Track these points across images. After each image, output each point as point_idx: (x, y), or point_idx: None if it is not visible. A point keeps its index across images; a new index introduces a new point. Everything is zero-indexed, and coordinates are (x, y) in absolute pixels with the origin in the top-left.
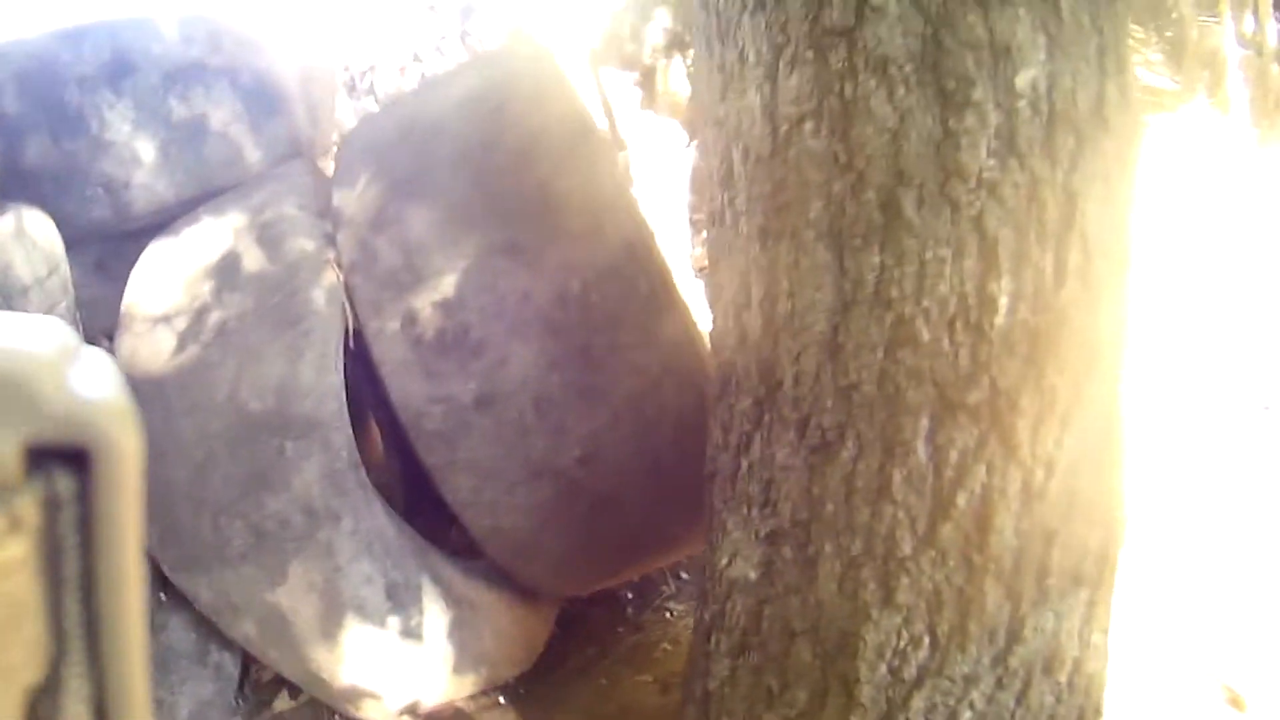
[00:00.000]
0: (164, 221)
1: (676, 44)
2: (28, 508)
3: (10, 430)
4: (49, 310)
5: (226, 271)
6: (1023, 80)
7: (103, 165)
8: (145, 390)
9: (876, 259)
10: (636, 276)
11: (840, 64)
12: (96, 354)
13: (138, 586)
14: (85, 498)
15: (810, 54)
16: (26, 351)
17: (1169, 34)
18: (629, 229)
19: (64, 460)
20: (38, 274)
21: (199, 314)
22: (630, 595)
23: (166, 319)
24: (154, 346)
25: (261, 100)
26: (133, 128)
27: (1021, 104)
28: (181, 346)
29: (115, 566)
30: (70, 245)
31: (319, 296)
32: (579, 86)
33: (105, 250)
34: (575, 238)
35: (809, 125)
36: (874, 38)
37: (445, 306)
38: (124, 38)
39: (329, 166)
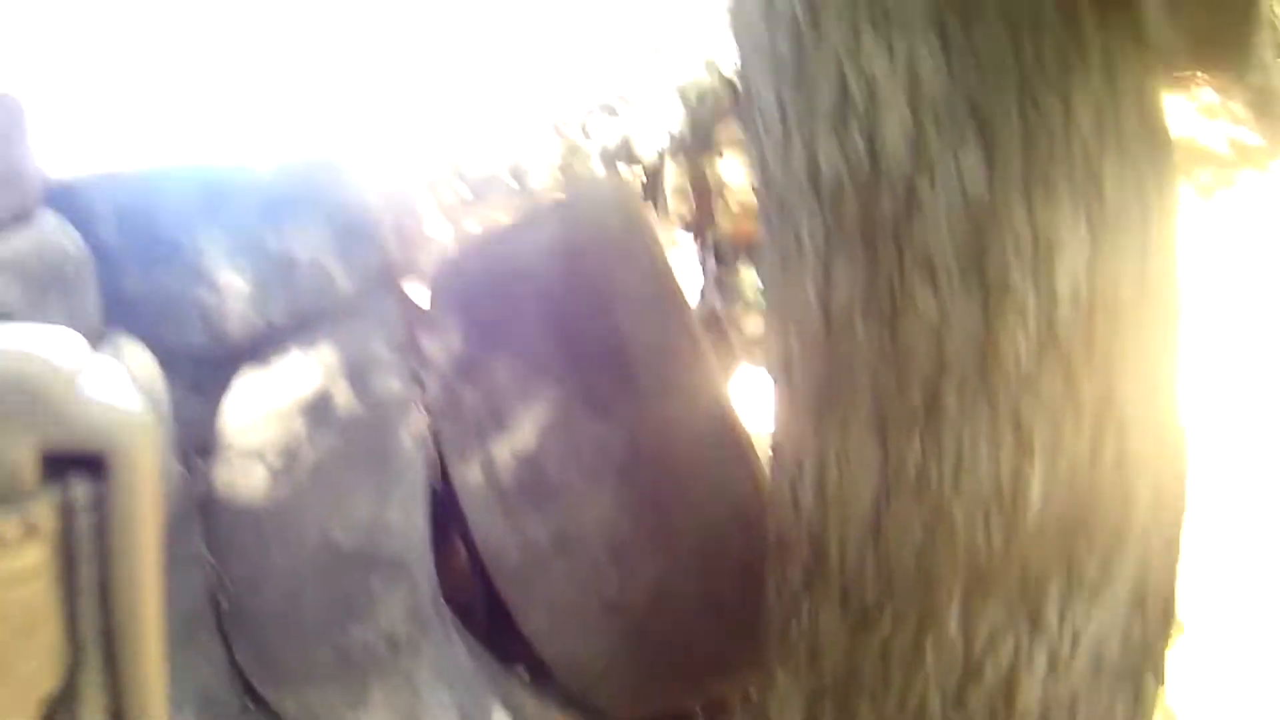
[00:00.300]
0: (258, 346)
1: (680, 148)
2: (44, 514)
3: (26, 437)
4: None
5: (318, 409)
6: (1063, 273)
7: (199, 294)
8: (241, 519)
9: (917, 446)
10: (705, 429)
11: (889, 260)
12: (111, 364)
13: (155, 595)
14: (102, 505)
15: (861, 249)
16: (43, 360)
17: (1255, 82)
18: (701, 381)
19: (81, 467)
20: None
21: (292, 451)
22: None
23: (260, 454)
24: (248, 479)
25: (352, 230)
26: (228, 259)
27: (1061, 296)
28: (275, 481)
29: (132, 574)
30: (167, 366)
31: (406, 439)
32: (655, 235)
33: (201, 371)
34: (649, 390)
35: (859, 318)
36: (920, 234)
37: (525, 453)
38: (219, 173)
39: (419, 286)
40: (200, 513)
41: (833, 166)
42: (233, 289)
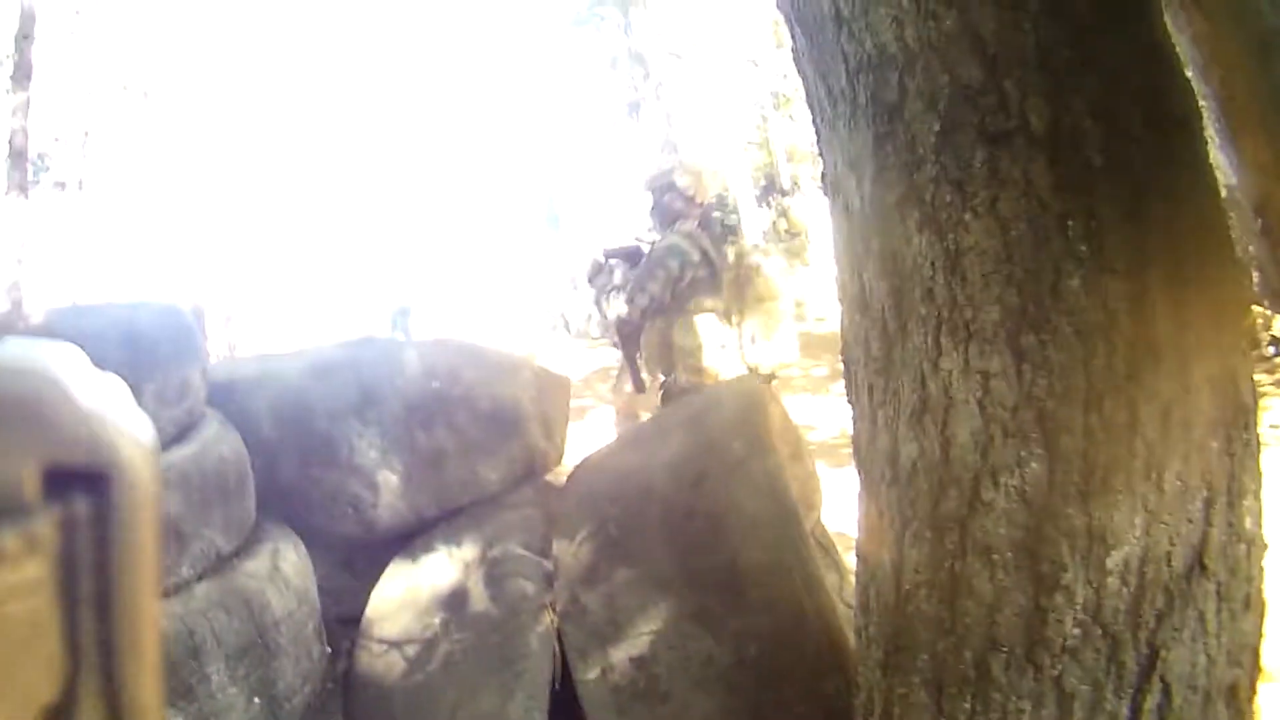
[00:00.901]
0: (407, 534)
1: (658, 309)
2: (45, 529)
3: (28, 453)
4: (296, 637)
5: (454, 606)
6: (1114, 560)
7: (352, 487)
8: (376, 701)
9: (967, 705)
10: (805, 642)
11: (953, 545)
12: (112, 381)
13: (153, 608)
14: (102, 520)
15: (929, 534)
16: (45, 376)
17: None
18: (804, 599)
19: (81, 482)
20: (289, 607)
21: (428, 644)
22: None
23: (399, 645)
24: (387, 665)
25: (498, 424)
26: (379, 454)
27: (1110, 580)
28: (410, 672)
29: (131, 587)
30: (319, 544)
31: (533, 641)
32: (775, 450)
33: (351, 551)
34: (756, 607)
35: (924, 592)
36: (981, 528)
37: (640, 660)
38: (369, 372)
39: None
40: (342, 688)
41: (909, 454)
42: (383, 483)
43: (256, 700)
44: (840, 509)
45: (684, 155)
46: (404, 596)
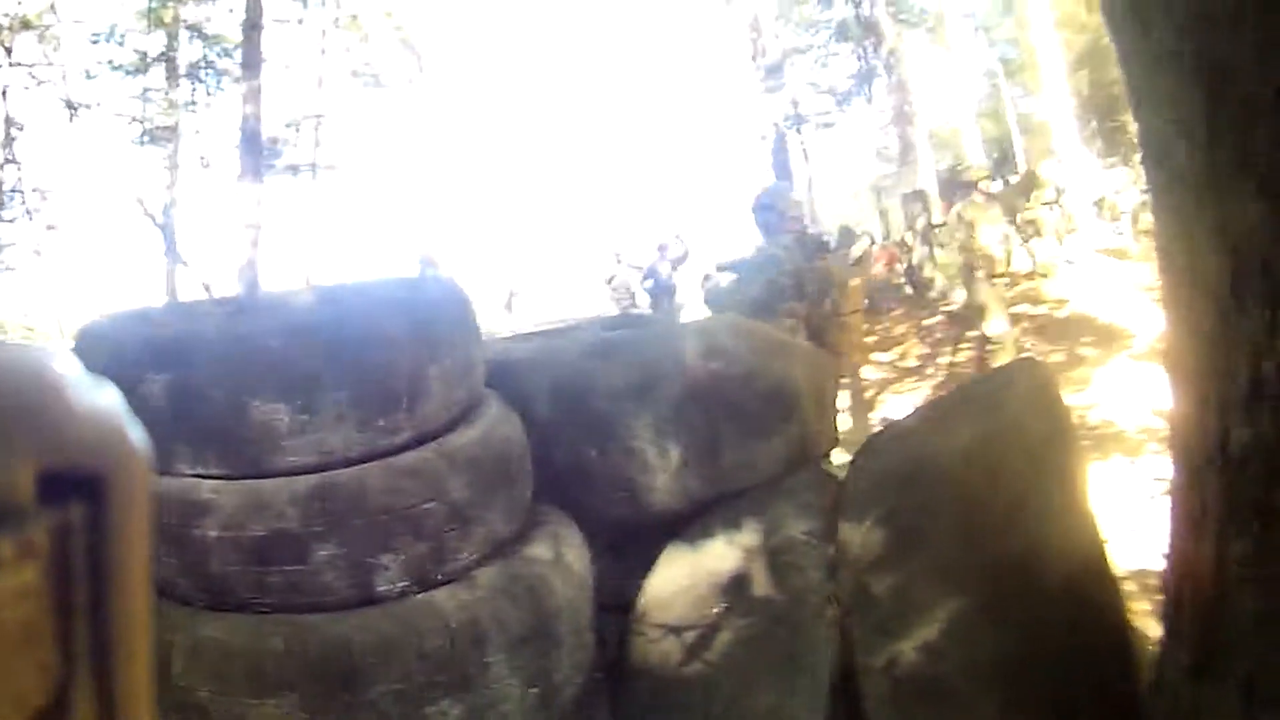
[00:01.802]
0: (679, 518)
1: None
2: (39, 534)
3: (23, 457)
4: (575, 625)
5: (734, 594)
6: None
7: (627, 470)
8: (648, 691)
9: None
10: (1100, 640)
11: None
12: (106, 384)
13: (146, 614)
14: (96, 524)
15: (1257, 525)
16: (39, 379)
17: None
18: (1101, 592)
19: (76, 487)
20: (569, 595)
21: (706, 632)
22: None
23: (677, 630)
24: (663, 655)
25: (775, 405)
26: (655, 436)
27: None
28: (687, 660)
29: (125, 593)
30: (586, 529)
31: (817, 634)
32: (1072, 430)
33: (618, 535)
34: (1052, 601)
35: (1249, 588)
36: None
37: (927, 656)
38: (649, 353)
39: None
40: (608, 677)
41: (1240, 439)
42: (659, 466)
43: (533, 690)
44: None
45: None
46: (681, 583)
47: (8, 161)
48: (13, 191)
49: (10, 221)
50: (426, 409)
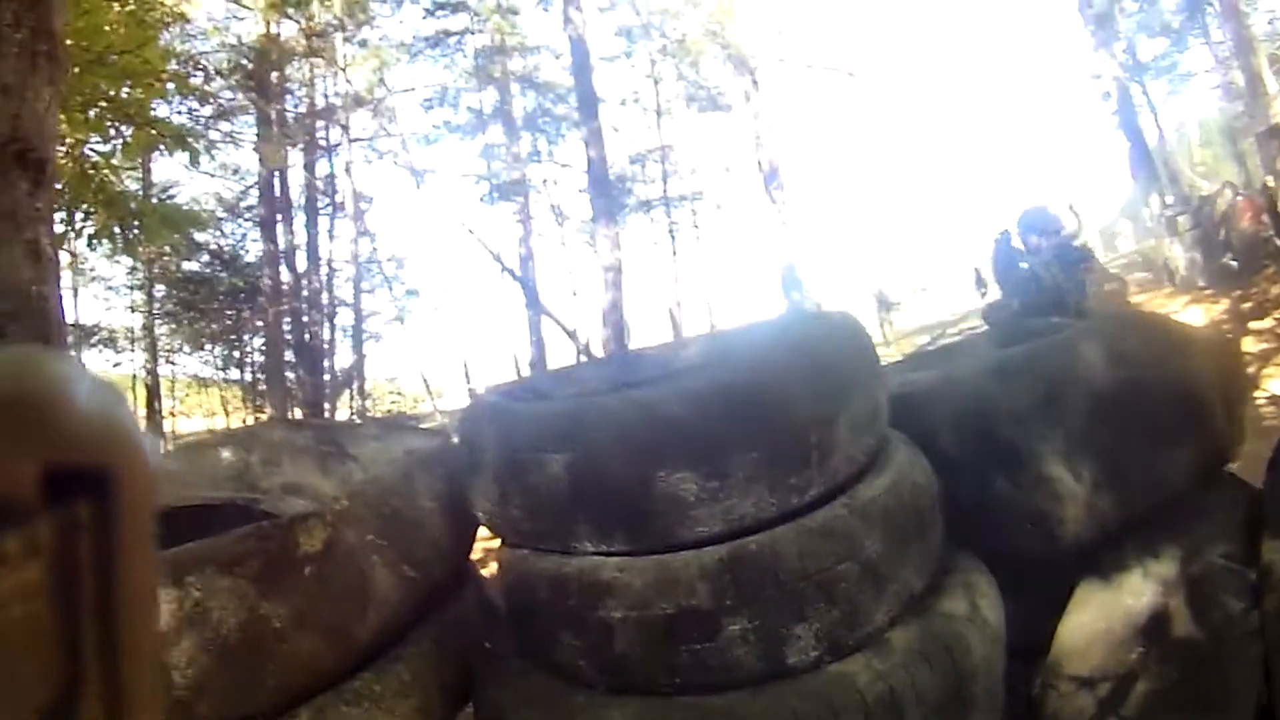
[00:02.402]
0: (1085, 547)
1: None
2: (46, 531)
3: (27, 455)
4: (990, 685)
5: (1152, 635)
6: None
7: (1034, 499)
8: None
9: None
10: None
11: None
12: (110, 383)
13: (152, 610)
14: (102, 521)
15: None
16: (45, 378)
17: None
18: None
19: (81, 485)
20: (986, 652)
21: (1122, 682)
22: None
23: (1090, 682)
24: (1077, 709)
25: (1183, 411)
26: (1065, 460)
27: None
28: (1101, 715)
29: (131, 589)
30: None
31: (1240, 675)
32: None
33: (1022, 573)
34: None
35: None
36: None
37: None
38: (1050, 366)
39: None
40: None
41: None
42: (1067, 493)
43: None
44: None
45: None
46: (1096, 627)
47: (360, 234)
48: (369, 262)
49: (370, 292)
50: (836, 460)
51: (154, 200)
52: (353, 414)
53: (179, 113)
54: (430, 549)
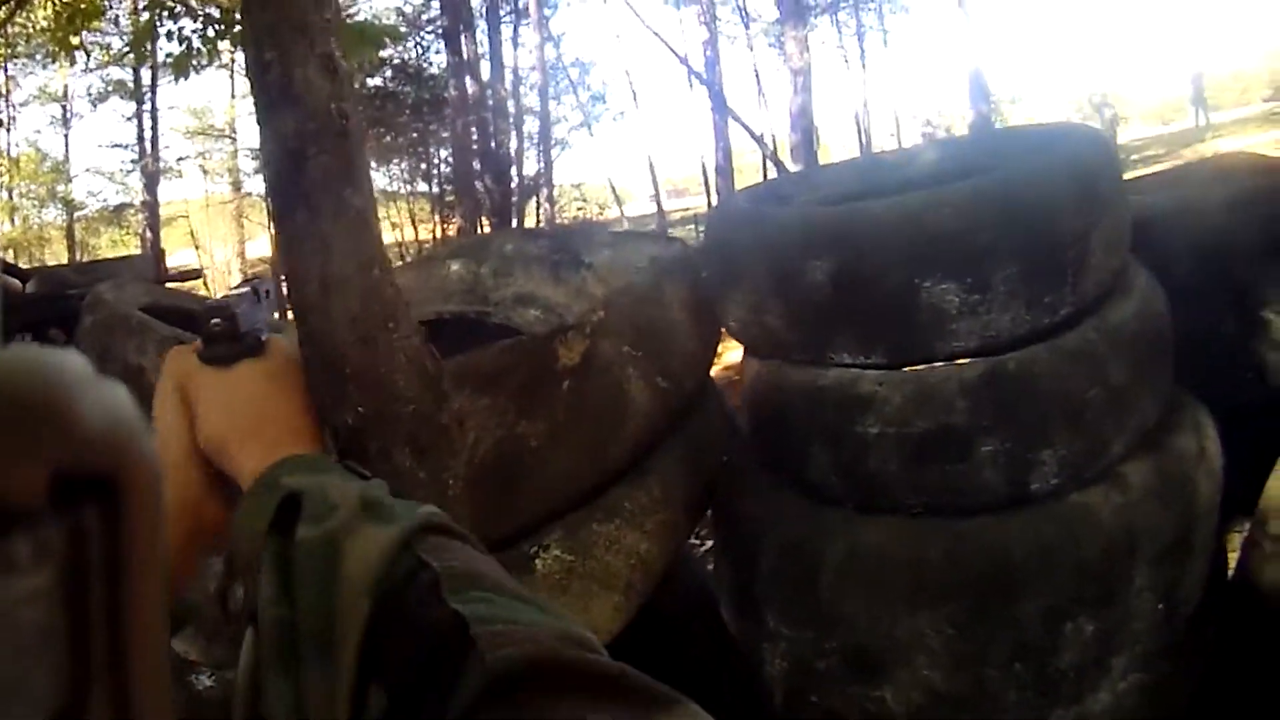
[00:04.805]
0: None
1: None
2: (54, 535)
3: (35, 458)
4: (1210, 532)
5: None
6: None
7: (1257, 346)
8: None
9: None
10: None
11: None
12: (117, 386)
13: (162, 615)
14: (111, 527)
15: None
16: (49, 380)
17: None
18: None
19: (90, 489)
20: (1209, 497)
21: None
22: None
23: None
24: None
25: None
26: None
27: None
28: None
29: (140, 595)
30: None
31: None
32: None
33: (1232, 422)
34: None
35: None
36: None
37: None
38: None
39: None
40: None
41: None
42: None
43: (1160, 607)
44: None
45: None
46: None
47: (545, 40)
48: (554, 69)
49: (555, 99)
50: (1087, 280)
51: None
52: (540, 222)
53: None
54: (681, 360)
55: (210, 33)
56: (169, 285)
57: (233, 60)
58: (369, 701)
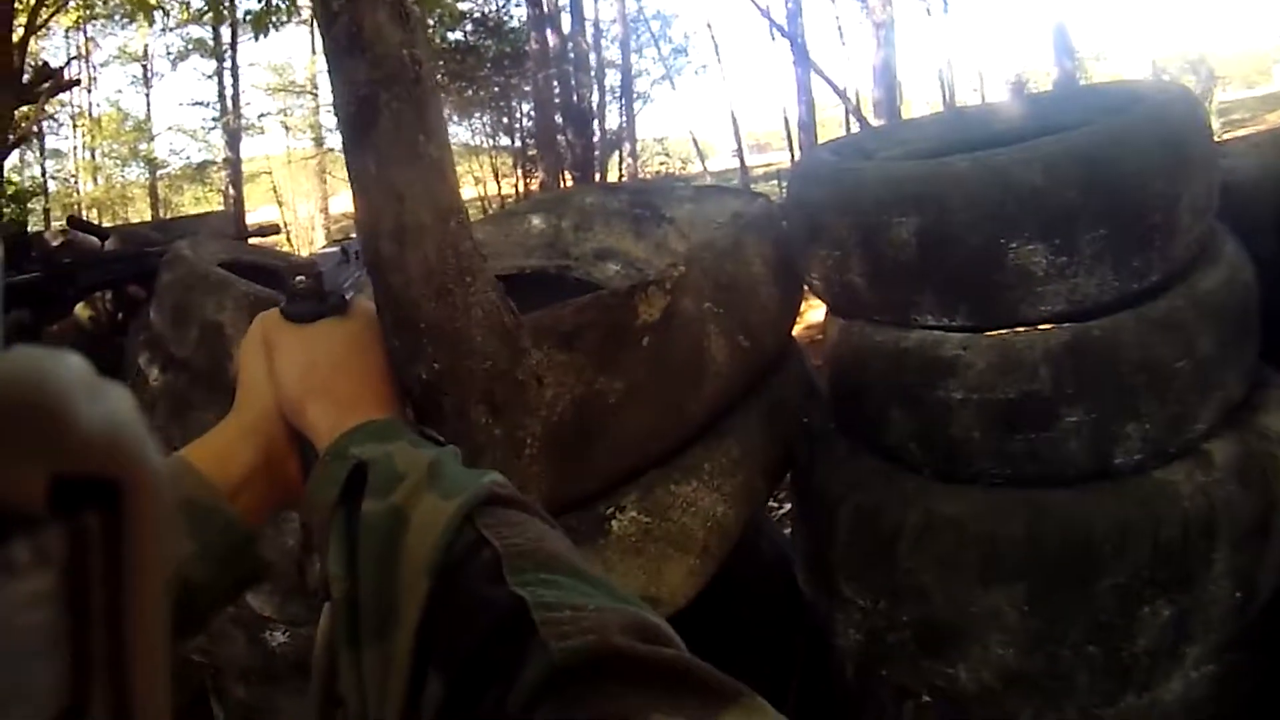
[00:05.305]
0: None
1: None
2: (55, 540)
3: (38, 461)
4: None
5: None
6: None
7: None
8: None
9: None
10: None
11: None
12: (118, 388)
13: (163, 619)
14: (112, 531)
15: None
16: (54, 381)
17: None
18: None
19: (92, 493)
20: None
21: None
22: None
23: None
24: None
25: None
26: None
27: None
28: None
29: (142, 600)
30: None
31: None
32: None
33: None
34: None
35: None
36: None
37: None
38: None
39: None
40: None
41: None
42: None
43: (1238, 595)
44: None
45: None
46: None
47: None
48: (635, 21)
49: (637, 52)
50: (1174, 246)
51: None
52: (622, 177)
53: None
54: (762, 317)
55: None
56: (249, 241)
57: (312, 16)
58: (425, 688)
